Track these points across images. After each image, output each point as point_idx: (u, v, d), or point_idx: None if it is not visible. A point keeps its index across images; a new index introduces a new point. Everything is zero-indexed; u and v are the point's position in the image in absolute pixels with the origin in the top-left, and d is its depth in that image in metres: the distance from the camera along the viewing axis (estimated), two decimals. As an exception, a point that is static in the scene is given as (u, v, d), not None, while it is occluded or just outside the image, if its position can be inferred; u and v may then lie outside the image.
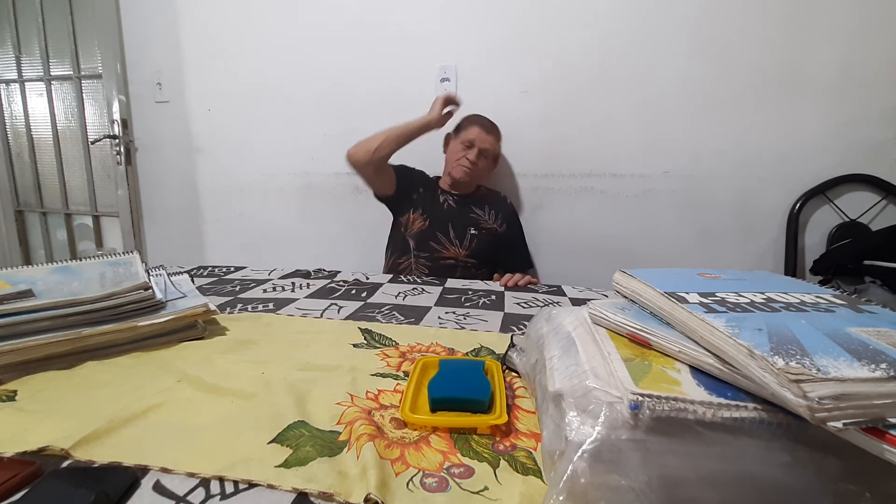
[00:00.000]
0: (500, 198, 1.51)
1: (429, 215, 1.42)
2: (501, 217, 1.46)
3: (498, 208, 1.47)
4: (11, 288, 0.62)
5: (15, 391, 0.52)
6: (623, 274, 0.51)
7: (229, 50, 1.82)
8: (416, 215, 1.43)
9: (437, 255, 1.38)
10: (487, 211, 1.45)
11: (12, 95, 2.25)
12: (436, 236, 1.40)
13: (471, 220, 1.42)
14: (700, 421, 0.32)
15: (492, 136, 1.41)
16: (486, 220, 1.44)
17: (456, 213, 1.43)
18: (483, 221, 1.43)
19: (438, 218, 1.41)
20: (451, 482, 0.38)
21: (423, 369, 0.55)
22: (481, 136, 1.39)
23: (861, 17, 1.35)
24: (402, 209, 1.46)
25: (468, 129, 1.40)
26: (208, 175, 1.96)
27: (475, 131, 1.39)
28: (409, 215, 1.43)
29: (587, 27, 1.51)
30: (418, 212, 1.43)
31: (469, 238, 1.40)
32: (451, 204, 1.44)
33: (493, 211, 1.46)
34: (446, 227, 1.40)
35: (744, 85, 1.44)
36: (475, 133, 1.38)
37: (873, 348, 0.32)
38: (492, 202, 1.48)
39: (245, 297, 0.92)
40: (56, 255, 2.38)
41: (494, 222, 1.45)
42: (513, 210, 1.52)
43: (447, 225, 1.41)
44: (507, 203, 1.51)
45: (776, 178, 1.47)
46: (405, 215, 1.44)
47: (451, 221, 1.41)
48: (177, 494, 0.36)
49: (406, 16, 1.63)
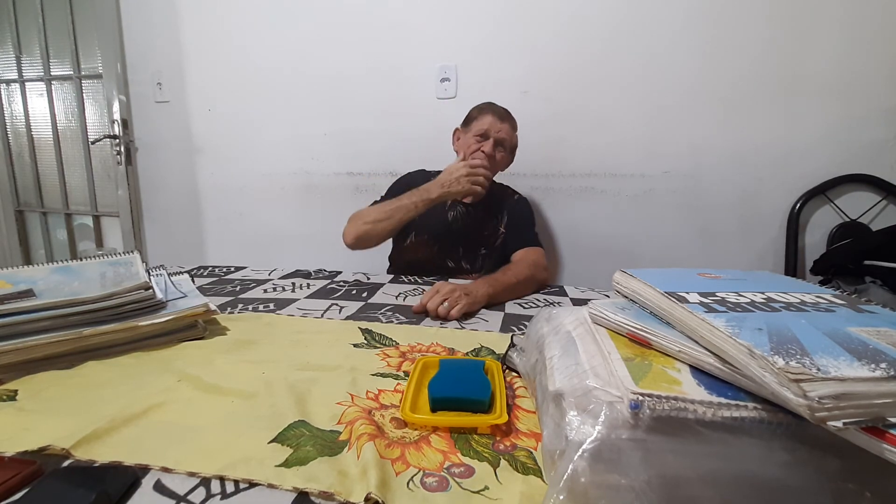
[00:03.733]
0: (507, 194, 1.33)
1: (434, 238, 1.23)
2: (506, 213, 1.28)
3: (503, 206, 1.29)
4: (12, 288, 0.62)
5: (15, 391, 0.52)
6: (623, 274, 0.51)
7: (229, 50, 1.82)
8: (419, 239, 1.24)
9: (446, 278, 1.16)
10: (498, 217, 1.27)
11: (12, 95, 2.25)
12: (444, 261, 1.24)
13: (482, 237, 1.24)
14: (700, 420, 0.32)
15: (507, 123, 1.22)
16: (496, 225, 1.26)
17: (468, 230, 1.24)
18: (492, 235, 1.25)
19: (446, 241, 1.23)
20: (451, 482, 0.38)
21: (423, 369, 0.55)
22: (496, 125, 1.20)
23: (861, 18, 1.35)
24: (402, 233, 1.25)
25: (480, 119, 1.22)
26: (208, 175, 1.96)
27: (488, 120, 1.20)
28: (412, 239, 1.25)
29: (587, 27, 1.51)
30: (423, 236, 1.24)
31: (481, 259, 1.24)
32: (460, 218, 1.24)
33: (501, 214, 1.28)
34: (456, 251, 1.23)
35: (744, 85, 1.44)
36: (489, 122, 1.20)
37: (873, 348, 0.32)
38: (500, 203, 1.29)
39: (245, 297, 0.92)
40: (56, 255, 2.38)
41: (501, 225, 1.27)
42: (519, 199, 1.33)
43: (457, 249, 1.23)
44: (515, 198, 1.33)
45: (776, 178, 1.47)
46: (406, 239, 1.26)
47: (461, 244, 1.23)
48: (177, 494, 0.36)
49: (406, 16, 1.63)
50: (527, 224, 1.28)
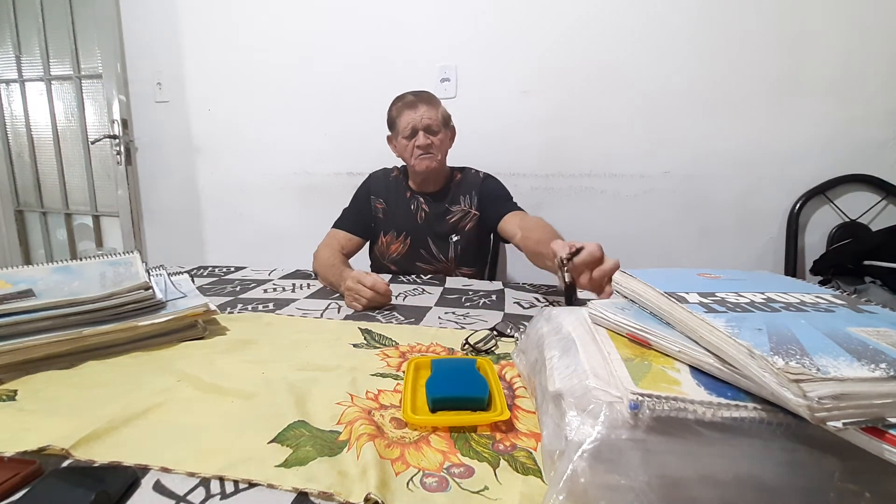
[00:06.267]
0: (471, 175, 1.29)
1: (405, 235, 1.25)
2: (475, 193, 1.25)
3: (470, 188, 1.26)
4: (12, 288, 0.62)
5: (15, 391, 0.52)
6: (623, 274, 0.51)
7: (229, 50, 1.82)
8: (389, 237, 1.26)
9: (425, 271, 1.23)
10: (464, 200, 1.25)
11: (12, 95, 2.25)
12: (418, 254, 1.25)
13: (449, 225, 1.24)
14: (700, 420, 0.32)
15: (423, 106, 1.17)
16: (464, 209, 1.24)
17: (432, 221, 1.24)
18: (462, 220, 1.24)
19: (415, 235, 1.25)
20: (451, 482, 0.38)
21: (415, 370, 0.55)
22: (415, 116, 1.17)
23: (861, 18, 1.35)
24: (375, 236, 1.29)
25: (400, 119, 1.19)
26: (208, 175, 1.96)
27: (407, 116, 1.17)
28: (382, 239, 1.28)
29: (587, 27, 1.51)
30: (391, 233, 1.26)
31: (453, 246, 1.24)
32: (424, 211, 1.25)
33: (468, 196, 1.25)
34: (426, 243, 1.25)
35: (744, 85, 1.44)
36: (408, 118, 1.17)
37: (873, 348, 0.32)
38: (465, 186, 1.26)
39: (245, 297, 0.92)
40: (56, 255, 2.38)
41: (471, 207, 1.24)
42: (486, 177, 1.29)
43: (426, 241, 1.24)
44: (479, 175, 1.28)
45: (776, 178, 1.47)
46: (378, 240, 1.29)
47: (429, 235, 1.24)
48: (177, 494, 0.36)
49: (406, 16, 1.63)
50: (503, 195, 1.25)
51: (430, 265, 1.25)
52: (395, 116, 1.21)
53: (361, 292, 0.86)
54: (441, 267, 1.25)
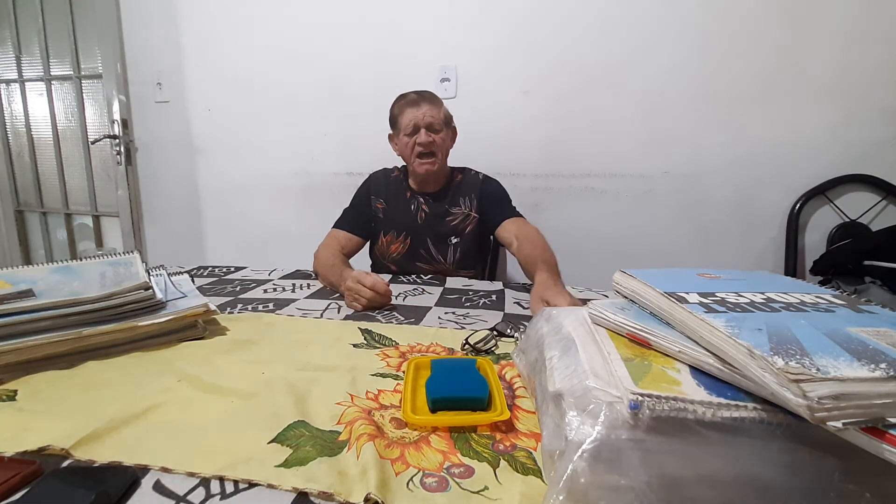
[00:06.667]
0: (470, 176, 1.29)
1: (405, 235, 1.25)
2: (475, 195, 1.25)
3: (470, 190, 1.26)
4: (12, 288, 0.62)
5: (15, 391, 0.52)
6: (623, 274, 0.51)
7: (229, 50, 1.82)
8: (389, 237, 1.27)
9: (425, 271, 1.23)
10: (464, 202, 1.25)
11: (12, 95, 2.25)
12: (418, 254, 1.25)
13: (450, 227, 1.24)
14: (700, 421, 0.32)
15: (426, 104, 1.19)
16: (464, 211, 1.24)
17: (432, 221, 1.24)
18: (462, 222, 1.24)
19: (415, 235, 1.25)
20: (451, 482, 0.38)
21: (415, 370, 0.55)
22: (418, 114, 1.18)
23: (861, 18, 1.35)
24: (375, 235, 1.30)
25: (402, 117, 1.20)
26: (208, 175, 1.96)
27: (409, 113, 1.18)
28: (382, 239, 1.28)
29: (587, 27, 1.51)
30: (391, 233, 1.26)
31: (452, 249, 1.24)
32: (424, 212, 1.25)
33: (468, 198, 1.25)
34: (426, 243, 1.25)
35: (744, 85, 1.44)
36: (410, 116, 1.18)
37: (873, 348, 0.32)
38: (465, 187, 1.26)
39: (245, 298, 0.92)
40: (56, 255, 2.38)
41: (472, 209, 1.25)
42: (485, 179, 1.29)
43: (426, 241, 1.25)
44: (478, 177, 1.29)
45: (776, 178, 1.47)
46: (379, 240, 1.29)
47: (429, 235, 1.24)
48: (177, 494, 0.36)
49: (406, 16, 1.63)
50: (503, 198, 1.26)
51: (430, 265, 1.25)
52: (398, 114, 1.22)
53: (361, 292, 0.86)
54: (440, 268, 1.25)
